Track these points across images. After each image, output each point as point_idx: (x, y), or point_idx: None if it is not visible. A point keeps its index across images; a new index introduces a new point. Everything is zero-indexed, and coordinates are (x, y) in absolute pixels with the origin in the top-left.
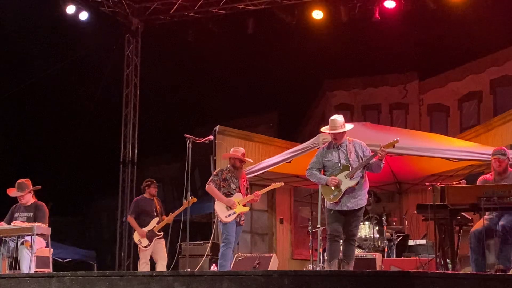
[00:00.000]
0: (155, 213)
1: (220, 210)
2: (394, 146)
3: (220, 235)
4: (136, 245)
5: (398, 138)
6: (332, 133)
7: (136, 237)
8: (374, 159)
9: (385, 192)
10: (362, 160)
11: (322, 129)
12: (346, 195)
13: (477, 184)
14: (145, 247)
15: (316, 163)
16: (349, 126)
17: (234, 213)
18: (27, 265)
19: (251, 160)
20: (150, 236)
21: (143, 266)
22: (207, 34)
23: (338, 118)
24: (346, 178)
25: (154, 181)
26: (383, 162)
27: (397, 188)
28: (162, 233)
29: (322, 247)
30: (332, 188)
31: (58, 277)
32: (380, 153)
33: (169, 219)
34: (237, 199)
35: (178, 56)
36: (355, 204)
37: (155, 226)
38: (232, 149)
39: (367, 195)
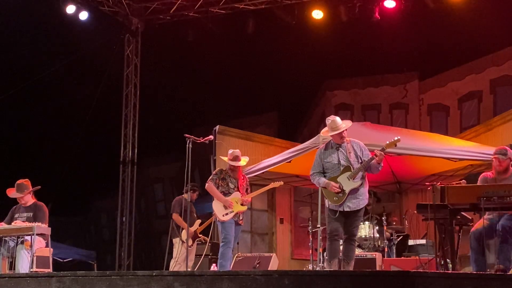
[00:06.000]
0: (195, 215)
1: (218, 208)
2: (395, 145)
3: (220, 235)
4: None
5: (399, 137)
6: (336, 134)
7: (184, 235)
8: (373, 162)
9: (385, 192)
10: (361, 160)
11: (323, 133)
12: (349, 196)
13: (478, 181)
14: (189, 246)
15: (317, 166)
16: (348, 123)
17: (232, 212)
18: (23, 265)
19: (243, 163)
20: (193, 237)
21: (178, 267)
22: (207, 34)
23: (336, 118)
24: (348, 179)
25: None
26: (382, 164)
27: (397, 188)
28: (202, 235)
29: (322, 247)
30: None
31: (58, 277)
32: (379, 156)
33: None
34: (235, 198)
35: (178, 56)
36: (357, 204)
37: (197, 228)
38: (228, 151)
39: (367, 195)
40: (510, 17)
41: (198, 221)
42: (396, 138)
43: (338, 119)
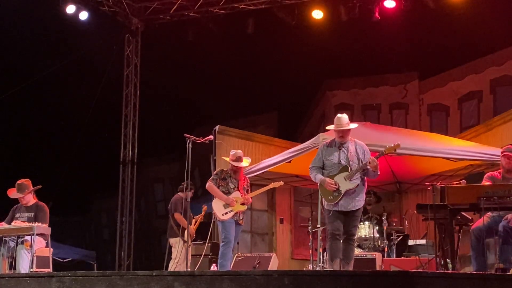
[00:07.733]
0: (191, 214)
1: (218, 208)
2: (395, 151)
3: (220, 235)
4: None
5: (399, 142)
6: (339, 130)
7: (186, 235)
8: (369, 167)
9: (385, 192)
10: (361, 162)
11: (328, 127)
12: (345, 196)
13: (485, 179)
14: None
15: (317, 161)
16: (353, 125)
17: (231, 211)
18: (23, 265)
19: (246, 164)
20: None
21: (179, 267)
22: (207, 34)
23: (344, 116)
24: (345, 180)
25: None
26: (378, 172)
27: (397, 188)
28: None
29: (322, 247)
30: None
31: (58, 277)
32: (371, 163)
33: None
34: (236, 198)
35: (178, 56)
36: (353, 205)
37: (193, 227)
38: (231, 152)
39: (365, 196)
40: (510, 17)
41: (194, 220)
42: (396, 143)
43: (344, 118)
